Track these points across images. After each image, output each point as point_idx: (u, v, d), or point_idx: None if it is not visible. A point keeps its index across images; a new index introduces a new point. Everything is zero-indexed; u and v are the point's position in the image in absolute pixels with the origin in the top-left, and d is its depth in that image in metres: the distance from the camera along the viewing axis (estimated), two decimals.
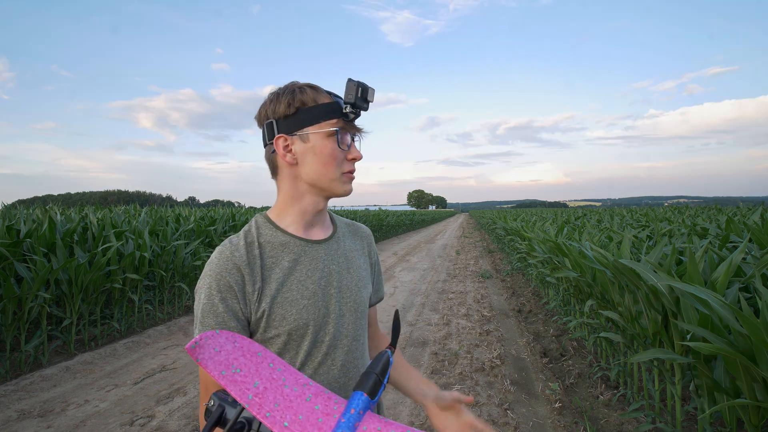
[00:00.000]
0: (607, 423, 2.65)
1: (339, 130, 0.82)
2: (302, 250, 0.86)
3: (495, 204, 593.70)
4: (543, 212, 16.43)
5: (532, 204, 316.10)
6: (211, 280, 0.78)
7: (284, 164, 0.84)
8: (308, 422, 0.55)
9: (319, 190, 0.86)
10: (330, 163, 0.82)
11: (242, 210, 11.06)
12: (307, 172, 0.84)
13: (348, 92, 0.80)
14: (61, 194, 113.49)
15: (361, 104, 0.81)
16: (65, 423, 2.68)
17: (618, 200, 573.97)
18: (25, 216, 5.36)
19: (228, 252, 0.80)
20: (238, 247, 0.81)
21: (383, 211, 24.24)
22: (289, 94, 0.82)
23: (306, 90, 0.82)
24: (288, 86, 0.84)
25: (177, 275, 5.26)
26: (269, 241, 0.84)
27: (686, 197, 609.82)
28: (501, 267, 9.53)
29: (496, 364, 3.63)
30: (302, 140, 0.82)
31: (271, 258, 0.83)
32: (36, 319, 4.02)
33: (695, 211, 10.31)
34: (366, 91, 0.81)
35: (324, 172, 0.83)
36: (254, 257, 0.81)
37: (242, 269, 0.79)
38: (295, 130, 0.82)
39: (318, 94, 0.83)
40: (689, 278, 1.83)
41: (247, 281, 0.79)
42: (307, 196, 0.86)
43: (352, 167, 0.86)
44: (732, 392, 1.65)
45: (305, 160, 0.83)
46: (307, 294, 0.83)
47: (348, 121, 0.83)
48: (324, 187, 0.85)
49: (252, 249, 0.82)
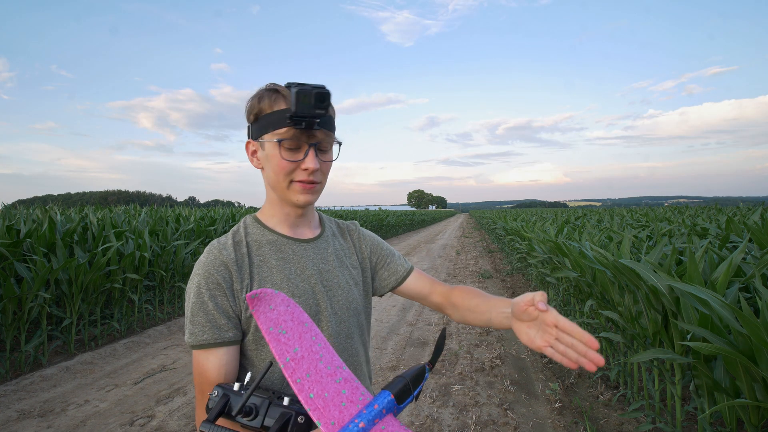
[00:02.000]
0: (607, 423, 2.65)
1: (281, 141, 0.78)
2: (290, 249, 0.86)
3: (495, 204, 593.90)
4: (543, 212, 16.43)
5: (532, 204, 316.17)
6: (199, 278, 0.78)
7: (257, 168, 0.87)
8: (332, 402, 0.56)
9: (279, 197, 0.85)
10: (278, 171, 0.80)
11: (242, 210, 11.06)
12: (267, 178, 0.85)
13: (291, 101, 0.75)
14: (61, 194, 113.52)
15: (307, 111, 0.74)
16: (65, 423, 2.68)
17: (618, 200, 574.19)
18: (25, 216, 5.36)
19: (216, 251, 0.80)
20: (225, 245, 0.82)
21: (383, 211, 24.24)
22: (250, 100, 0.83)
23: (264, 97, 0.80)
24: (261, 88, 0.83)
25: (177, 275, 5.26)
26: (257, 240, 0.85)
27: (686, 197, 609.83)
28: (501, 267, 9.53)
29: (496, 364, 3.63)
30: (261, 147, 0.82)
31: (258, 256, 0.83)
32: (36, 319, 4.02)
33: (695, 211, 10.31)
34: (311, 96, 0.74)
35: (276, 179, 0.82)
36: (242, 255, 0.82)
37: (230, 267, 0.79)
38: (257, 136, 0.82)
39: (276, 99, 0.79)
40: (689, 278, 1.83)
41: (235, 278, 0.79)
42: (279, 201, 0.87)
43: (305, 177, 0.80)
44: (732, 392, 1.64)
45: (266, 167, 0.83)
46: (297, 292, 0.83)
47: (302, 130, 0.77)
48: (280, 195, 0.84)
49: (240, 247, 0.83)
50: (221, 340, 0.77)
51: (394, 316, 5.33)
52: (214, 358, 0.77)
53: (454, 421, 2.69)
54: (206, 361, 0.76)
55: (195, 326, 0.77)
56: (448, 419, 2.71)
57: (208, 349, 0.77)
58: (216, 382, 0.76)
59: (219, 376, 0.77)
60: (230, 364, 0.78)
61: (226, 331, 0.78)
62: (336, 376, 0.60)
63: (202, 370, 0.77)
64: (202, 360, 0.77)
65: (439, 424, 2.65)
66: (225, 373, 0.77)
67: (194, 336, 0.76)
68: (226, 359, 0.78)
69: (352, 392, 0.58)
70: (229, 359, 0.78)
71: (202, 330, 0.76)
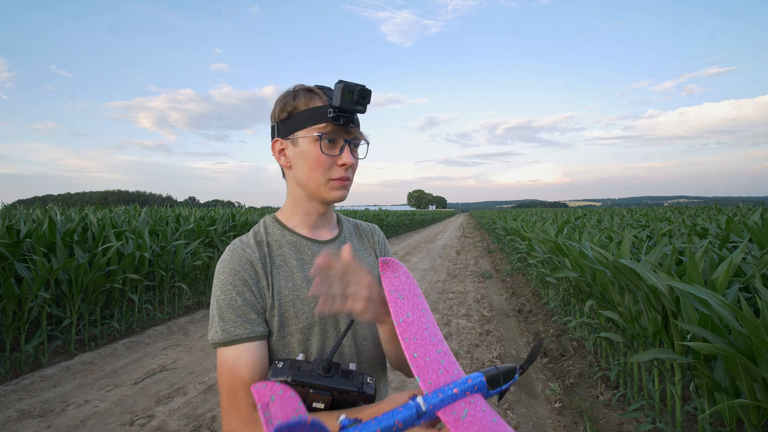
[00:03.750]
0: (607, 423, 2.65)
1: (323, 135, 0.79)
2: (309, 250, 0.87)
3: (495, 204, 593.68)
4: (543, 212, 16.42)
5: (532, 204, 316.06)
6: (225, 276, 0.78)
7: (284, 168, 0.87)
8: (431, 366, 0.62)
9: (311, 195, 0.85)
10: (316, 168, 0.81)
11: (242, 210, 11.06)
12: (298, 176, 0.84)
13: (334, 95, 0.78)
14: (61, 194, 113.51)
15: (350, 107, 0.78)
16: (65, 423, 2.68)
17: (618, 200, 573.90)
18: (25, 216, 5.36)
19: (239, 249, 0.81)
20: (248, 244, 0.83)
21: (383, 211, 24.24)
22: (283, 98, 0.84)
23: (302, 94, 0.82)
24: (289, 89, 0.85)
25: (177, 275, 5.26)
26: (277, 240, 0.86)
27: (686, 197, 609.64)
28: (501, 267, 9.53)
29: (495, 364, 3.63)
30: (293, 144, 0.83)
31: (279, 256, 0.84)
32: (36, 319, 4.02)
33: (695, 211, 10.31)
34: (354, 93, 0.77)
35: (311, 176, 0.82)
36: (264, 255, 0.83)
37: (255, 264, 0.80)
38: (288, 134, 0.83)
39: (312, 97, 0.82)
40: (689, 278, 1.83)
41: (261, 276, 0.80)
42: (305, 200, 0.87)
43: (341, 173, 0.82)
44: (732, 392, 1.64)
45: (297, 165, 0.83)
46: None
47: (339, 126, 0.80)
48: (313, 192, 0.84)
49: (261, 247, 0.84)
50: (254, 334, 0.76)
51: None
52: (248, 353, 0.75)
53: None
54: (238, 358, 0.74)
55: (225, 323, 0.75)
56: None
57: (241, 345, 0.75)
58: (250, 380, 0.73)
59: (253, 373, 0.74)
60: (263, 359, 0.76)
61: (257, 326, 0.77)
62: (437, 347, 0.66)
63: (233, 369, 0.74)
64: (233, 357, 0.74)
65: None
66: (259, 369, 0.75)
67: (225, 332, 0.75)
68: (259, 354, 0.76)
69: (449, 365, 0.64)
70: (262, 355, 0.77)
71: (233, 325, 0.75)
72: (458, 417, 0.55)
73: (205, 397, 3.05)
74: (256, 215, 8.92)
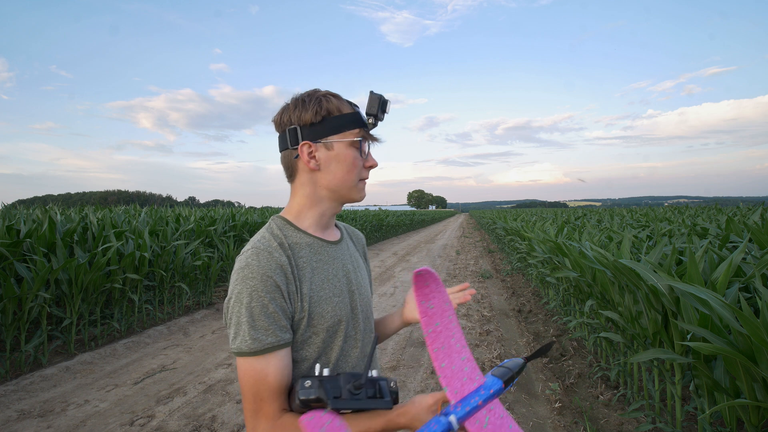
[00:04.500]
0: (607, 423, 2.65)
1: (361, 140, 0.87)
2: (325, 251, 0.89)
3: (495, 204, 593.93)
4: (543, 212, 16.42)
5: (531, 204, 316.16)
6: (255, 282, 0.76)
7: (305, 169, 0.87)
8: (456, 375, 0.69)
9: (339, 196, 0.89)
10: (352, 170, 0.87)
11: (242, 210, 11.06)
12: (329, 179, 0.87)
13: (371, 104, 0.86)
14: (61, 194, 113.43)
15: (380, 116, 0.87)
16: (65, 423, 2.68)
17: (618, 200, 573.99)
18: (25, 216, 5.36)
19: (266, 253, 0.80)
20: (274, 248, 0.82)
21: (383, 211, 24.24)
22: (315, 102, 0.85)
23: (331, 99, 0.86)
24: (312, 93, 0.87)
25: (177, 275, 5.26)
26: (297, 242, 0.86)
27: (686, 197, 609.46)
28: (501, 267, 9.53)
29: (496, 364, 3.62)
30: (326, 148, 0.85)
31: (301, 258, 0.85)
32: (36, 319, 4.02)
33: (695, 211, 10.30)
34: (386, 104, 0.88)
35: (346, 179, 0.87)
36: (289, 257, 0.83)
37: (285, 269, 0.80)
38: (321, 137, 0.85)
39: (341, 103, 0.86)
40: (689, 278, 1.83)
41: (290, 280, 0.80)
42: (326, 201, 0.89)
43: (368, 174, 0.91)
44: (732, 392, 1.65)
45: (328, 168, 0.86)
46: (336, 292, 0.86)
47: (367, 131, 0.88)
48: (344, 193, 0.89)
49: (284, 250, 0.84)
50: (284, 341, 0.77)
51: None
52: (277, 361, 0.76)
53: None
54: (267, 366, 0.75)
55: (257, 331, 0.75)
56: None
57: (271, 353, 0.75)
58: (279, 387, 0.75)
59: (282, 380, 0.76)
60: (290, 365, 0.79)
61: (286, 332, 0.78)
62: (462, 353, 0.71)
63: (262, 377, 0.74)
64: (263, 366, 0.75)
65: None
66: (287, 375, 0.77)
67: (257, 341, 0.74)
68: (287, 360, 0.78)
69: (472, 371, 0.70)
70: (289, 360, 0.79)
71: (265, 333, 0.75)
72: (481, 426, 0.64)
73: (205, 397, 3.05)
74: (256, 215, 8.92)
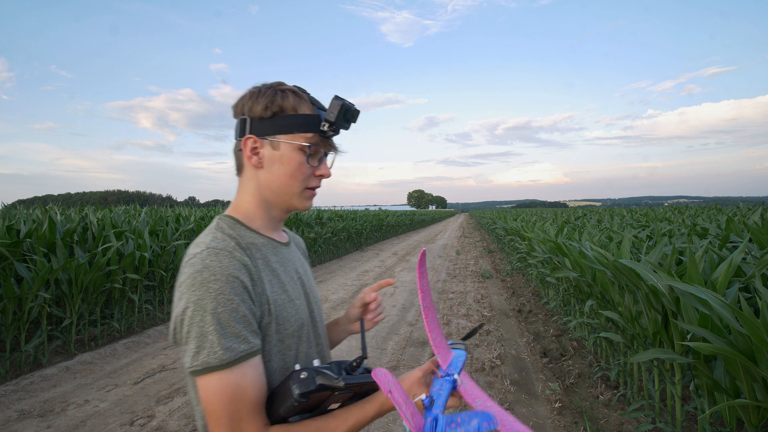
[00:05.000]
0: (607, 423, 2.65)
1: (311, 146, 0.78)
2: (279, 252, 0.83)
3: (495, 204, 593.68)
4: (543, 212, 16.42)
5: (532, 204, 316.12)
6: (220, 284, 0.67)
7: (249, 165, 0.80)
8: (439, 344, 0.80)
9: (281, 201, 0.81)
10: (295, 176, 0.78)
11: None
12: (271, 179, 0.79)
13: (330, 110, 0.76)
14: (61, 194, 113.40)
15: (341, 124, 0.78)
16: (65, 423, 2.68)
17: (618, 200, 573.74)
18: (25, 216, 5.36)
19: (227, 252, 0.71)
20: (233, 247, 0.73)
21: (383, 211, 24.23)
22: (269, 95, 0.77)
23: (288, 95, 0.78)
24: (273, 86, 0.80)
25: (177, 275, 5.26)
26: (252, 242, 0.79)
27: (686, 197, 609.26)
28: (501, 267, 9.53)
29: (496, 364, 3.63)
30: (272, 147, 0.78)
31: (259, 260, 0.77)
32: (36, 319, 4.02)
33: (695, 211, 10.30)
34: (350, 113, 0.78)
35: (288, 183, 0.79)
36: (249, 257, 0.76)
37: (249, 269, 0.73)
38: (267, 134, 0.77)
39: (300, 102, 0.78)
40: (689, 278, 1.83)
41: (255, 282, 0.73)
42: (271, 203, 0.82)
43: (317, 184, 0.82)
44: (732, 392, 1.64)
45: (271, 168, 0.79)
46: (296, 294, 0.81)
47: (324, 138, 0.79)
48: (283, 199, 0.81)
49: (244, 250, 0.76)
50: (257, 347, 0.69)
51: (394, 316, 5.33)
52: (251, 370, 0.68)
53: None
54: (243, 377, 0.66)
55: (228, 339, 0.66)
56: None
57: (245, 362, 0.67)
58: (258, 400, 0.68)
59: (260, 392, 0.68)
60: (264, 374, 0.71)
61: (257, 337, 0.70)
62: (440, 326, 0.83)
63: (239, 392, 0.66)
64: (238, 378, 0.66)
65: None
66: (263, 385, 0.69)
67: (230, 350, 0.65)
68: (261, 368, 0.70)
69: (445, 341, 0.82)
70: (263, 368, 0.71)
71: (237, 341, 0.66)
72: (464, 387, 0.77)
73: None
74: None
